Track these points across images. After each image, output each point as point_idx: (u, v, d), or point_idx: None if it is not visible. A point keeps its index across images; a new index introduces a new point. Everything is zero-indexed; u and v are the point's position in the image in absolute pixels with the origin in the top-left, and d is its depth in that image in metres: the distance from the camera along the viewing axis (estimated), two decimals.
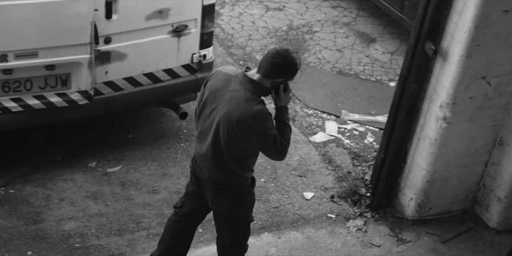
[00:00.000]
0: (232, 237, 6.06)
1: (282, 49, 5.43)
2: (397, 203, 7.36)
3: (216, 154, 5.60)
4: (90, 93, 7.10)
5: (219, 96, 5.51)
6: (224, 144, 5.52)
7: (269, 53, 5.41)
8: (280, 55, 5.38)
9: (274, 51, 5.41)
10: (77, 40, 6.85)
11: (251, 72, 5.51)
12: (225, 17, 9.95)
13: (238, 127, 5.40)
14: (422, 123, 6.93)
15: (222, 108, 5.46)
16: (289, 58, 5.39)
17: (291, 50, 5.44)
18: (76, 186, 7.30)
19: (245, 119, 5.36)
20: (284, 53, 5.39)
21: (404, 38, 9.68)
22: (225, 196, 5.79)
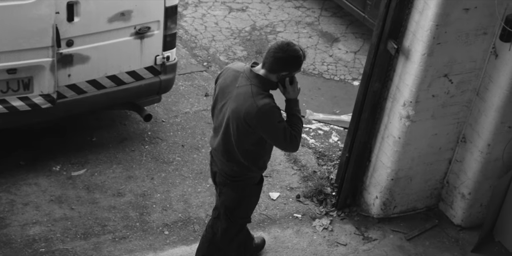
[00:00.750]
0: (225, 231, 6.16)
1: (283, 43, 5.48)
2: (362, 201, 7.39)
3: (227, 148, 5.72)
4: (53, 96, 7.05)
5: (228, 92, 5.62)
6: (234, 139, 5.64)
7: (271, 47, 5.48)
8: (281, 49, 5.44)
9: (275, 45, 5.48)
10: (39, 43, 6.80)
11: (257, 67, 5.60)
12: (188, 19, 9.93)
13: (246, 121, 5.49)
14: (386, 122, 6.96)
15: (231, 104, 5.57)
16: (290, 52, 5.45)
17: (293, 43, 5.50)
18: (41, 190, 7.25)
19: (252, 113, 5.44)
20: (286, 47, 5.45)
21: (366, 37, 9.73)
22: (233, 189, 5.92)
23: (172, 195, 7.35)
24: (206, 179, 7.56)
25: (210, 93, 8.62)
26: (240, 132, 5.58)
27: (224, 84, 5.68)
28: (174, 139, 7.96)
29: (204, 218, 7.13)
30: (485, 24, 6.42)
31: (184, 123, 8.19)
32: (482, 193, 7.18)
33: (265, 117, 5.47)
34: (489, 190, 7.16)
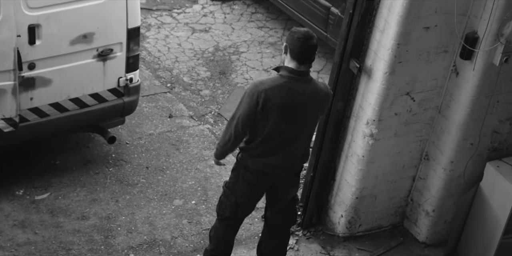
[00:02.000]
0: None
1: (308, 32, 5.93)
2: (328, 220, 7.39)
3: (306, 147, 6.23)
4: (15, 120, 7.00)
5: (295, 100, 5.92)
6: (311, 131, 6.21)
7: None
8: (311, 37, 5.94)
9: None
10: (0, 66, 6.76)
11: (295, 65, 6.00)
12: (151, 40, 9.93)
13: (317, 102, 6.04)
14: (350, 140, 6.99)
15: (310, 101, 5.96)
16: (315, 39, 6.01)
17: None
18: (3, 215, 7.17)
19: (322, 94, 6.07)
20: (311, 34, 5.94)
21: (329, 56, 9.78)
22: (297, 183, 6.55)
23: (137, 217, 7.31)
24: (171, 200, 7.53)
25: (174, 114, 8.60)
26: (318, 118, 6.21)
27: (282, 100, 5.88)
28: (139, 161, 7.92)
29: (169, 240, 7.10)
30: (445, 42, 6.48)
31: (148, 145, 8.16)
32: (446, 210, 7.22)
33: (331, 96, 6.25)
34: (452, 206, 7.21)
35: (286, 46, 5.91)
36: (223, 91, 9.14)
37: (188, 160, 8.02)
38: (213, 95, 9.06)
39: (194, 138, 8.34)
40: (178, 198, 7.57)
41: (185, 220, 7.34)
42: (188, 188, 7.68)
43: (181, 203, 7.53)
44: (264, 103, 5.83)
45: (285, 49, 5.94)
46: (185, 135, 8.36)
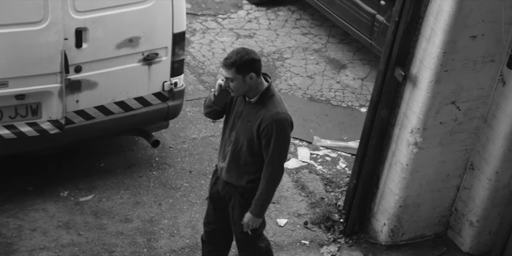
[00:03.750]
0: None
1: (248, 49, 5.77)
2: (370, 228, 7.36)
3: None
4: (61, 122, 7.07)
5: None
6: None
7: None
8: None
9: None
10: (48, 69, 6.83)
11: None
12: (195, 45, 9.97)
13: None
14: (394, 149, 6.96)
15: None
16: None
17: (239, 50, 5.72)
18: (48, 215, 7.25)
19: None
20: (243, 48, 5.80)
21: (374, 64, 9.75)
22: None
23: (180, 221, 7.34)
24: None
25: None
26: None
27: None
28: (182, 165, 7.96)
29: None
30: (492, 51, 6.44)
31: (191, 149, 8.20)
32: (490, 221, 7.16)
33: None
34: (497, 217, 7.14)
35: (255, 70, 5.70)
36: None
37: None
38: None
39: None
40: None
41: None
42: None
43: None
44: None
45: (257, 73, 5.71)
46: None
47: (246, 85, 5.70)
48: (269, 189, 5.89)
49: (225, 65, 5.66)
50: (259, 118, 5.75)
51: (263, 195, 5.88)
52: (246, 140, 5.83)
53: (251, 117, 5.79)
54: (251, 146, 5.83)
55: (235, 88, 5.71)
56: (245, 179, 5.97)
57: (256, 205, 5.92)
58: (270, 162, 5.81)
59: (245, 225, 6.00)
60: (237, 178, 5.99)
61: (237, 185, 6.01)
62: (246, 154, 5.88)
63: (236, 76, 5.66)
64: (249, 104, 5.82)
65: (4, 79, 6.74)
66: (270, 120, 5.72)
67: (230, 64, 5.63)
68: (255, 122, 5.77)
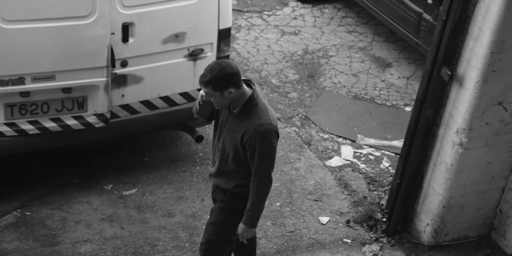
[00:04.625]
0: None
1: (223, 63, 5.60)
2: (413, 228, 7.32)
3: None
4: (107, 116, 7.12)
5: None
6: None
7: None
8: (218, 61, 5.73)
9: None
10: (94, 63, 6.89)
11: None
12: (240, 41, 9.99)
13: None
14: (438, 149, 6.91)
15: None
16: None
17: (213, 64, 5.57)
18: (92, 208, 7.31)
19: None
20: (219, 62, 5.65)
21: (419, 63, 9.69)
22: None
23: None
24: None
25: None
26: None
27: None
28: None
29: None
30: None
31: None
32: None
33: None
34: None
35: (233, 84, 5.55)
36: (310, 94, 9.14)
37: None
38: (301, 98, 9.06)
39: (281, 140, 8.35)
40: None
41: (269, 222, 7.36)
42: (273, 189, 7.65)
43: (266, 204, 7.51)
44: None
45: (235, 86, 5.55)
46: None
47: (226, 99, 5.56)
48: (259, 200, 5.81)
49: (201, 83, 5.54)
50: (242, 129, 5.61)
51: (253, 206, 5.81)
52: (232, 149, 5.73)
53: (235, 127, 5.67)
54: (237, 155, 5.73)
55: (215, 103, 5.62)
56: (234, 183, 5.88)
57: (248, 215, 5.84)
58: (257, 173, 5.71)
59: (240, 236, 5.95)
60: (225, 182, 5.92)
61: (225, 188, 5.95)
62: (233, 161, 5.78)
63: (214, 93, 5.53)
64: (232, 114, 5.70)
65: (52, 73, 6.81)
66: (253, 132, 5.57)
67: (206, 82, 5.51)
68: (238, 133, 5.64)
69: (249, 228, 5.92)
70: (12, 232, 6.97)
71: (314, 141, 8.41)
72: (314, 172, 8.00)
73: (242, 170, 5.82)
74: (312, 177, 7.92)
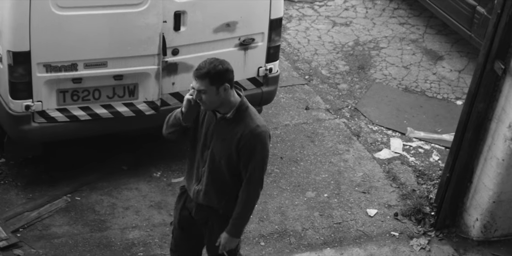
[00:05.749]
0: None
1: (220, 60, 5.37)
2: (462, 223, 7.26)
3: None
4: (157, 103, 7.16)
5: None
6: None
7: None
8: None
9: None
10: (146, 51, 6.92)
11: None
12: (291, 31, 9.96)
13: None
14: (490, 143, 6.83)
15: None
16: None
17: (213, 60, 5.31)
18: (141, 195, 7.36)
19: None
20: (215, 58, 5.38)
21: (472, 56, 9.59)
22: None
23: (269, 206, 7.36)
24: (303, 192, 7.56)
25: (311, 106, 8.62)
26: None
27: None
28: (273, 151, 7.97)
29: (300, 231, 7.13)
30: None
31: (283, 135, 8.20)
32: None
33: None
34: None
35: (229, 81, 5.36)
36: (360, 86, 9.09)
37: (322, 153, 8.02)
38: (351, 89, 9.02)
39: (330, 131, 8.33)
40: (311, 190, 7.59)
41: (316, 213, 7.35)
42: (321, 181, 7.69)
43: (314, 195, 7.54)
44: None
45: (230, 84, 5.37)
46: (321, 128, 8.37)
47: (220, 97, 5.27)
48: (248, 208, 5.52)
49: (198, 76, 5.24)
50: (237, 134, 5.33)
51: (242, 214, 5.51)
52: (224, 158, 5.41)
53: (226, 134, 5.37)
54: (230, 164, 5.42)
55: (208, 100, 5.28)
56: (225, 199, 5.56)
57: (234, 224, 5.51)
58: (251, 178, 5.40)
59: (222, 246, 5.59)
60: (217, 200, 5.58)
61: (217, 207, 5.60)
62: (224, 173, 5.47)
63: (210, 88, 5.23)
64: (223, 120, 5.38)
65: (104, 59, 6.86)
66: (250, 135, 5.32)
67: (203, 74, 5.21)
68: (233, 139, 5.35)
69: (234, 238, 5.57)
70: (62, 217, 7.05)
71: (363, 133, 8.37)
72: (362, 164, 7.96)
73: (233, 183, 5.50)
74: (361, 169, 7.89)
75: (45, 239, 6.83)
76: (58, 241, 6.82)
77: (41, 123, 6.93)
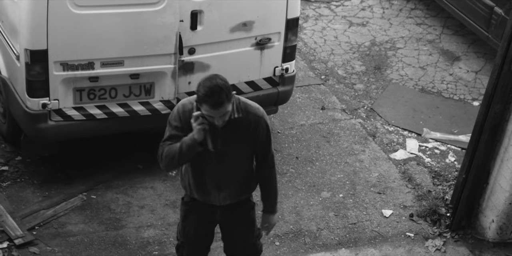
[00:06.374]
0: None
1: (213, 75, 5.25)
2: (477, 224, 7.23)
3: None
4: (173, 103, 7.17)
5: None
6: None
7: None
8: (206, 77, 5.25)
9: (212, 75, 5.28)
10: (162, 50, 6.93)
11: None
12: (308, 31, 9.96)
13: None
14: (506, 144, 6.81)
15: None
16: (203, 81, 5.22)
17: (216, 81, 5.14)
18: (156, 194, 7.37)
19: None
20: (207, 77, 5.24)
21: (489, 57, 9.55)
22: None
23: (284, 206, 7.35)
24: (319, 192, 7.55)
25: (327, 106, 8.61)
26: None
27: None
28: (289, 151, 7.97)
29: (315, 231, 7.12)
30: None
31: (299, 135, 8.20)
32: None
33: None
34: None
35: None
36: (377, 86, 9.07)
37: (338, 153, 8.01)
38: (367, 89, 9.01)
39: (345, 131, 8.32)
40: (326, 190, 7.58)
41: (331, 213, 7.34)
42: (336, 181, 7.68)
43: (329, 195, 7.53)
44: None
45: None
46: (336, 128, 8.36)
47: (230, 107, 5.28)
48: (276, 180, 5.73)
49: (217, 104, 5.10)
50: (248, 124, 5.39)
51: (275, 188, 5.71)
52: (246, 155, 5.55)
53: (237, 131, 5.39)
54: (250, 155, 5.56)
55: (225, 119, 5.26)
56: (252, 185, 5.77)
57: (273, 200, 5.73)
58: (269, 152, 5.58)
59: (270, 226, 5.83)
60: (247, 190, 5.75)
61: (244, 198, 5.77)
62: (246, 166, 5.60)
63: (228, 106, 5.19)
64: (232, 122, 5.32)
65: (120, 58, 6.87)
66: (257, 117, 5.41)
67: (221, 99, 5.11)
68: (247, 131, 5.40)
69: (277, 214, 5.85)
70: (78, 215, 7.07)
71: (379, 134, 8.36)
72: (378, 164, 7.95)
73: (251, 167, 5.66)
74: (376, 170, 7.88)
75: (60, 237, 6.85)
76: (73, 239, 6.84)
77: (57, 122, 6.96)
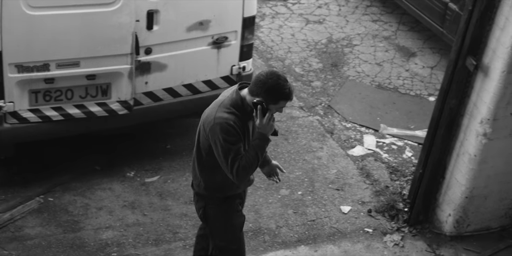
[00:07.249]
0: (213, 250, 6.09)
1: (274, 72, 5.37)
2: (435, 218, 7.30)
3: (197, 157, 5.70)
4: (130, 103, 7.14)
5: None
6: (198, 145, 5.67)
7: (262, 72, 5.40)
8: (268, 75, 5.33)
9: (267, 70, 5.39)
10: (118, 50, 6.91)
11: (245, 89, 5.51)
12: (264, 29, 9.97)
13: (204, 126, 5.52)
14: (462, 139, 6.88)
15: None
16: (273, 81, 5.30)
17: (283, 77, 5.35)
18: (114, 195, 7.34)
19: (209, 120, 5.46)
20: (272, 75, 5.33)
21: (444, 52, 9.64)
22: (196, 202, 5.89)
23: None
24: (277, 190, 7.57)
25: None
26: (201, 136, 5.59)
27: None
28: None
29: (274, 229, 7.14)
30: None
31: None
32: None
33: (215, 129, 5.39)
34: None
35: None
36: (334, 83, 9.12)
37: (296, 151, 8.04)
38: (324, 87, 9.04)
39: (303, 129, 8.35)
40: (285, 188, 7.60)
41: (290, 210, 7.36)
42: (295, 178, 7.71)
43: (288, 193, 7.56)
44: None
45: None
46: (294, 126, 8.38)
47: None
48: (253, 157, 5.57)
49: (292, 95, 5.42)
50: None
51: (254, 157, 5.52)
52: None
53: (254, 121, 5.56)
54: None
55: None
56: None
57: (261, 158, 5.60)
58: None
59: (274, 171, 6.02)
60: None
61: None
62: None
63: None
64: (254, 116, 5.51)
65: (76, 59, 6.84)
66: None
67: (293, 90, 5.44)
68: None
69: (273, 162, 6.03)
70: (35, 218, 7.02)
71: (337, 130, 8.40)
72: (336, 161, 7.99)
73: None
74: (334, 166, 7.91)
75: (17, 240, 6.80)
76: (31, 242, 6.79)
77: (13, 124, 6.90)
